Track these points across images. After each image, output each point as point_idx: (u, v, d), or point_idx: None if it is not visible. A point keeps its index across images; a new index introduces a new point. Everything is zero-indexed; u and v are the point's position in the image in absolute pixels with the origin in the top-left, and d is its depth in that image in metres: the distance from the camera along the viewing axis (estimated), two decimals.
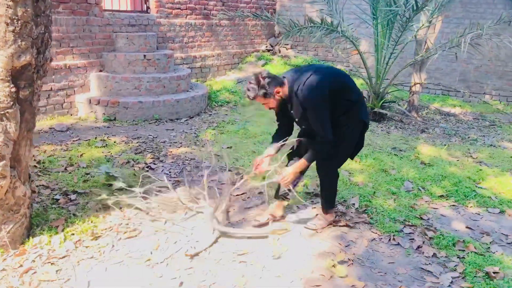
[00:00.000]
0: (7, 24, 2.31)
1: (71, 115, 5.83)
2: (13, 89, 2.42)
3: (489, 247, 2.95)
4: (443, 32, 7.56)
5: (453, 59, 7.21)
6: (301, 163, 2.86)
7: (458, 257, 2.80)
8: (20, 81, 2.49)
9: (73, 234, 2.86)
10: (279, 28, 9.64)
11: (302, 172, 3.01)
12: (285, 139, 2.99)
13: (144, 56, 6.10)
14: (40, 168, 4.00)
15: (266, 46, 9.68)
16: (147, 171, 4.06)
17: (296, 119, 2.90)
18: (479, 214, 3.49)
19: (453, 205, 3.63)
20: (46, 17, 2.58)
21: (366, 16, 6.39)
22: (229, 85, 7.96)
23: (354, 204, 3.53)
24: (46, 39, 2.64)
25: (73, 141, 4.90)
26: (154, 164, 4.31)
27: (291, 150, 3.12)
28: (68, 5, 5.49)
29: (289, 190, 2.98)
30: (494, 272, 2.58)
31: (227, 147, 4.91)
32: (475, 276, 2.59)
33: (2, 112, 2.40)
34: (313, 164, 2.97)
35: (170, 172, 4.14)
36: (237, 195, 3.64)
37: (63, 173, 3.94)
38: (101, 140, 4.90)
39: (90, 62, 5.90)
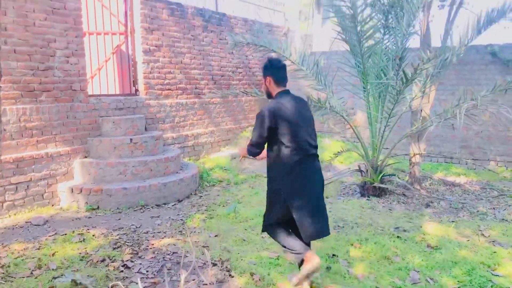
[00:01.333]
0: None
1: (53, 205, 5.52)
2: None
3: None
4: (439, 99, 7.43)
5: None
6: (244, 147, 3.38)
7: None
8: None
9: None
10: None
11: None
12: None
13: (131, 139, 5.92)
14: (3, 273, 3.60)
15: None
16: (122, 271, 3.65)
17: None
18: None
19: None
20: None
21: (356, 89, 6.26)
22: (223, 161, 7.71)
23: None
24: None
25: (49, 236, 4.53)
26: (132, 261, 3.89)
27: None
28: (51, 93, 5.41)
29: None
30: None
31: (215, 235, 4.52)
32: None
33: None
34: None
35: (147, 271, 3.71)
36: None
37: (28, 278, 3.53)
38: (78, 234, 4.53)
39: (74, 148, 5.71)
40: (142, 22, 6.60)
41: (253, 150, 3.21)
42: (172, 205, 5.64)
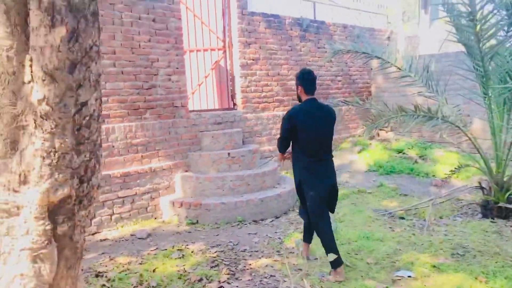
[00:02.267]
0: (43, 158, 2.12)
1: (155, 218, 5.71)
2: (49, 226, 2.17)
3: None
4: None
5: None
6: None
7: None
8: (57, 216, 2.23)
9: None
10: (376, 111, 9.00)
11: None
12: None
13: (228, 154, 5.91)
14: (108, 287, 3.73)
15: (363, 131, 9.04)
16: None
17: None
18: None
19: None
20: (92, 143, 2.38)
21: (473, 94, 5.48)
22: None
23: None
24: (93, 166, 2.42)
25: (151, 250, 4.65)
26: (228, 283, 3.77)
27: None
28: (154, 110, 5.63)
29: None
30: None
31: (314, 258, 4.21)
32: None
33: (36, 254, 2.13)
34: None
35: None
36: None
37: None
38: (178, 249, 4.57)
39: (176, 163, 5.86)
40: (240, 36, 6.61)
41: (278, 148, 3.88)
42: (270, 222, 5.47)
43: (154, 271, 4.06)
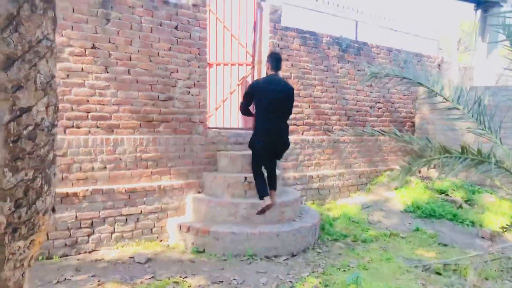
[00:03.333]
0: None
1: (161, 241, 5.23)
2: None
3: None
4: None
5: None
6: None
7: None
8: None
9: None
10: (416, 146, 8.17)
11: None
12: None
13: (245, 178, 5.37)
14: None
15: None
16: None
17: None
18: None
19: None
20: (38, 159, 1.92)
21: None
22: (351, 211, 6.65)
23: None
24: (38, 187, 1.95)
25: (145, 279, 4.15)
26: None
27: None
28: (170, 124, 5.21)
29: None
30: None
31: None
32: None
33: None
34: None
35: None
36: None
37: None
38: (174, 282, 4.05)
39: (188, 183, 5.39)
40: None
41: (240, 110, 4.95)
42: (284, 260, 4.83)
43: None
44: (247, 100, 4.73)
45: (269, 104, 4.56)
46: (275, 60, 4.68)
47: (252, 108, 4.87)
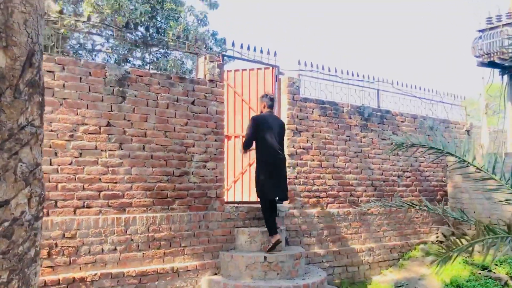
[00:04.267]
0: None
1: None
2: None
3: None
4: None
5: None
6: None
7: None
8: None
9: None
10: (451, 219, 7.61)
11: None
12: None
13: (265, 258, 4.98)
14: None
15: (437, 237, 7.60)
16: None
17: None
18: None
19: None
20: (16, 258, 1.68)
21: None
22: None
23: None
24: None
25: None
26: None
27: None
28: (184, 200, 5.00)
29: None
30: None
31: None
32: None
33: None
34: None
35: None
36: None
37: None
38: None
39: (203, 264, 5.04)
40: (289, 123, 5.99)
41: (243, 147, 5.31)
42: None
43: None
44: (253, 132, 5.13)
45: (272, 135, 5.13)
46: (269, 99, 5.35)
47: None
